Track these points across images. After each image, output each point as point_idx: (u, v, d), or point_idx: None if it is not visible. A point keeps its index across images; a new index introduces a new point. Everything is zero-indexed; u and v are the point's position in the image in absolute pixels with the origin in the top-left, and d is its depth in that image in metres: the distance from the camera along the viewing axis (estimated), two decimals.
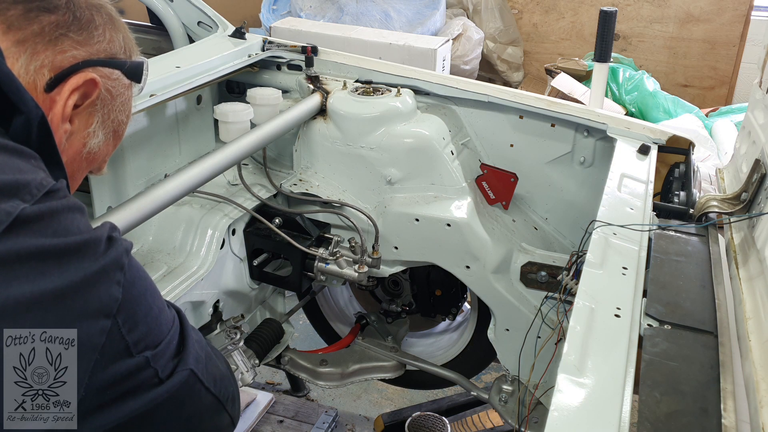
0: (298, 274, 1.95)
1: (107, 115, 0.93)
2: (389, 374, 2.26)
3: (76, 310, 0.72)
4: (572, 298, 1.14)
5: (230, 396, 0.99)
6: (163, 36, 2.54)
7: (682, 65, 4.99)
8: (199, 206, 1.83)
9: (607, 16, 2.84)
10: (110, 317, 0.75)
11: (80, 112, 0.89)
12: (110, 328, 0.75)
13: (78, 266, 0.73)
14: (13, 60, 0.82)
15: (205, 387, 0.91)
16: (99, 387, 0.75)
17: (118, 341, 0.76)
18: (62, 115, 0.86)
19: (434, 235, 1.89)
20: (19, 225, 0.69)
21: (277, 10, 4.86)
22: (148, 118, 1.81)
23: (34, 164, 0.78)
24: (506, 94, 1.97)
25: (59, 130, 0.86)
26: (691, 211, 1.55)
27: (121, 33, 0.94)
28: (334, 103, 1.96)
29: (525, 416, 1.95)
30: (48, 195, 0.74)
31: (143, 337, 0.79)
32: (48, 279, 0.70)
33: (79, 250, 0.74)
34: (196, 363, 0.88)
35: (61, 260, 0.72)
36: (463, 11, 5.19)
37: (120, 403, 0.78)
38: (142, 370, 0.79)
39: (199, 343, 0.93)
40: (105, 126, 0.93)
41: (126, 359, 0.77)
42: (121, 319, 0.76)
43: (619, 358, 0.97)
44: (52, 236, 0.72)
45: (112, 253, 0.77)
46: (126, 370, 0.77)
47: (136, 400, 0.79)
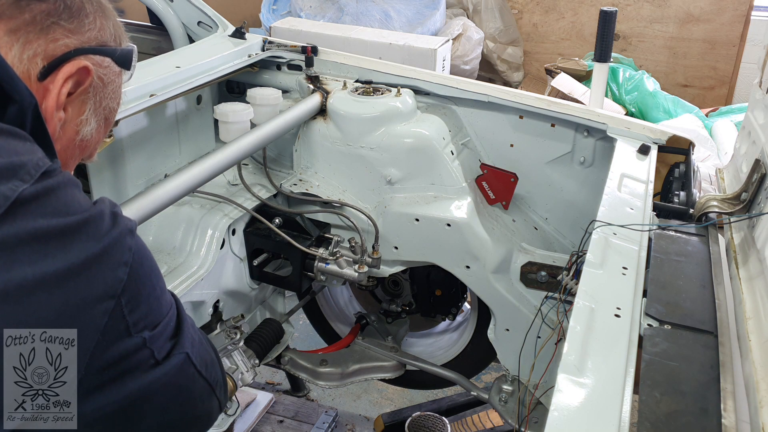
0: (298, 274, 1.95)
1: (99, 102, 0.93)
2: (389, 374, 2.26)
3: (81, 292, 0.71)
4: (572, 298, 1.14)
5: (219, 381, 1.00)
6: (163, 36, 2.53)
7: (682, 65, 4.99)
8: (199, 206, 1.83)
9: (607, 16, 2.84)
10: (114, 298, 0.74)
11: (73, 99, 0.89)
12: (113, 308, 0.74)
13: (82, 246, 0.72)
14: (6, 49, 0.81)
15: (198, 371, 0.91)
16: (99, 367, 0.75)
17: (119, 322, 0.75)
18: (56, 104, 0.85)
19: (434, 235, 1.89)
20: (19, 206, 0.69)
21: (277, 10, 4.86)
22: (148, 118, 1.81)
23: (30, 146, 0.77)
24: (506, 94, 1.97)
25: (53, 118, 0.86)
26: (691, 211, 1.55)
27: (111, 20, 0.94)
28: (334, 103, 1.96)
29: (525, 416, 1.95)
30: (45, 174, 0.74)
31: (143, 317, 0.79)
32: (51, 260, 0.69)
33: (82, 228, 0.73)
34: (191, 346, 0.88)
35: (63, 240, 0.71)
36: (463, 11, 5.19)
37: (118, 384, 0.78)
38: (139, 350, 0.79)
39: (193, 327, 0.93)
40: (97, 113, 0.93)
41: (125, 339, 0.77)
42: (125, 300, 0.75)
43: (619, 358, 0.97)
44: (53, 216, 0.71)
45: (116, 232, 0.77)
46: (124, 350, 0.77)
47: (134, 381, 0.79)
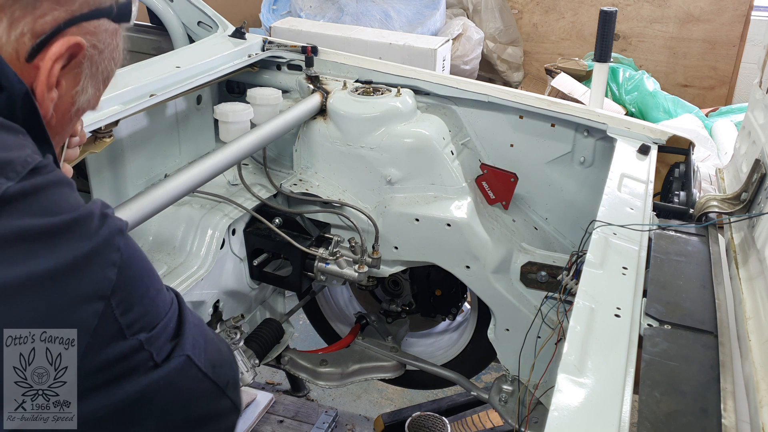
0: (298, 274, 1.95)
1: (95, 70, 0.88)
2: (389, 374, 2.26)
3: (68, 293, 0.70)
4: (572, 298, 1.14)
5: (230, 381, 0.97)
6: (163, 36, 2.53)
7: (682, 65, 4.99)
8: (199, 206, 1.83)
9: (607, 16, 2.84)
10: (104, 299, 0.72)
11: (66, 73, 0.84)
12: (103, 310, 0.72)
13: (70, 246, 0.70)
14: None
15: (203, 372, 0.88)
16: (91, 370, 0.73)
17: (111, 324, 0.74)
18: (47, 84, 0.81)
19: (434, 235, 1.89)
20: (4, 205, 0.67)
21: (277, 10, 4.86)
22: (148, 118, 1.81)
23: (21, 139, 0.75)
24: (506, 94, 1.97)
25: (45, 100, 0.82)
26: (691, 211, 1.55)
27: None
28: (334, 103, 1.96)
29: (525, 416, 1.95)
30: (34, 172, 0.71)
31: (138, 319, 0.77)
32: (38, 261, 0.67)
33: (70, 228, 0.71)
34: (193, 348, 0.86)
35: (51, 240, 0.69)
36: (463, 11, 5.19)
37: (115, 387, 0.76)
38: (137, 352, 0.77)
39: (198, 327, 0.90)
40: (95, 79, 0.89)
41: (119, 342, 0.75)
42: (115, 301, 0.73)
43: (619, 358, 0.97)
44: (41, 215, 0.69)
45: (105, 232, 0.74)
46: (119, 352, 0.75)
47: (131, 384, 0.77)
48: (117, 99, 1.55)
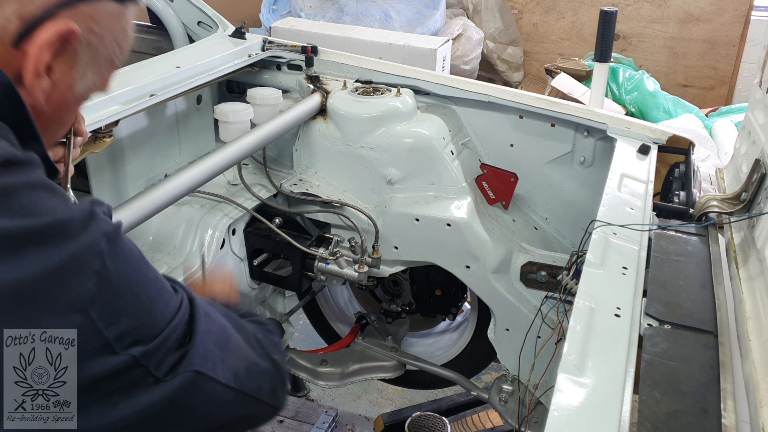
0: (298, 274, 1.95)
1: (95, 55, 0.81)
2: (389, 374, 2.26)
3: (38, 306, 0.64)
4: (572, 298, 1.14)
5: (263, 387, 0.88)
6: (163, 36, 2.53)
7: (682, 65, 4.99)
8: (199, 206, 1.83)
9: (607, 16, 2.84)
10: (81, 311, 0.67)
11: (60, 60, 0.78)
12: (81, 323, 0.67)
13: (40, 254, 0.64)
14: None
15: (222, 384, 0.81)
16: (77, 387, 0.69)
17: (93, 338, 0.68)
18: (35, 71, 0.75)
19: (434, 235, 1.89)
20: None
21: (277, 10, 4.86)
22: (148, 118, 1.81)
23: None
24: (506, 94, 1.97)
25: (35, 87, 0.76)
26: (691, 211, 1.55)
27: None
28: (334, 103, 1.96)
29: (525, 416, 1.95)
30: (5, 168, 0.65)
31: (128, 332, 0.71)
32: (2, 271, 0.62)
33: (42, 234, 0.65)
34: (203, 361, 0.78)
35: (18, 248, 0.63)
36: (463, 11, 5.19)
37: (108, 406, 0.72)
38: (131, 368, 0.71)
39: (215, 335, 0.82)
40: (94, 65, 0.82)
41: (106, 357, 0.69)
42: (96, 313, 0.68)
43: (619, 358, 0.97)
44: (9, 217, 0.63)
45: (87, 238, 0.68)
46: (109, 369, 0.70)
47: (130, 402, 0.73)
48: (117, 99, 1.55)
